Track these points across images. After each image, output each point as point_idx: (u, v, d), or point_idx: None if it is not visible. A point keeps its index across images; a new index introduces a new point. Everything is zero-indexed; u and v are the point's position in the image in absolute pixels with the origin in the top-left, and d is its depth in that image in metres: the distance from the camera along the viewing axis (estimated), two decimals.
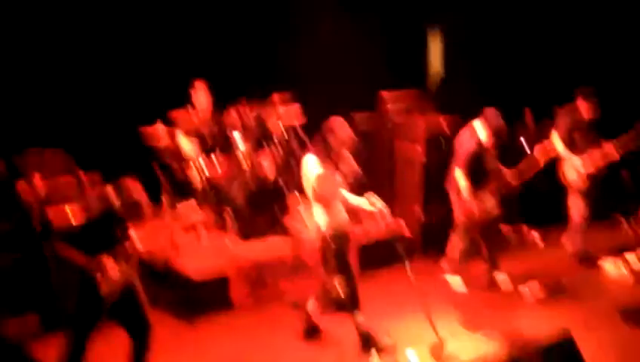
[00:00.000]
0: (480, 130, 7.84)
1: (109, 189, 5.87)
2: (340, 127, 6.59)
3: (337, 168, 6.61)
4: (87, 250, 5.75)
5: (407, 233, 8.62)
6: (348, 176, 6.67)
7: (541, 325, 7.07)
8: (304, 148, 9.24)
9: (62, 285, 7.17)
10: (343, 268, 6.65)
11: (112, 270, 5.78)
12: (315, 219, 6.67)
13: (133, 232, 5.95)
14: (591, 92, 8.48)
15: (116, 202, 5.83)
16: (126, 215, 5.89)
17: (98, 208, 5.82)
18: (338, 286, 6.63)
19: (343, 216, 6.69)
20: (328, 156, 6.57)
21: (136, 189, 5.92)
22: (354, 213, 6.85)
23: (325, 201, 6.54)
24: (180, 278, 7.72)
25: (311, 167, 6.55)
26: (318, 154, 6.58)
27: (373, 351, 6.44)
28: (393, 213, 8.91)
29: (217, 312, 7.58)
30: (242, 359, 6.79)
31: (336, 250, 6.60)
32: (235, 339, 7.15)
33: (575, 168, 8.55)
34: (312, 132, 9.36)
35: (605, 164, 8.52)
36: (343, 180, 6.66)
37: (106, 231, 5.83)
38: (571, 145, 8.53)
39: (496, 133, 7.75)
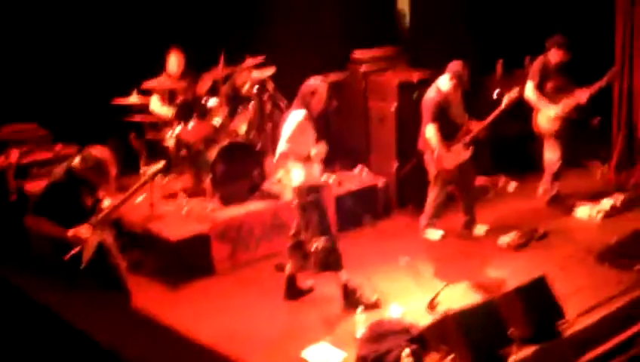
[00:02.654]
0: (441, 81, 7.92)
1: (74, 157, 5.88)
2: (322, 90, 6.67)
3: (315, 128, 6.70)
4: (60, 221, 5.75)
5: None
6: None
7: (518, 271, 7.24)
8: (279, 111, 9.32)
9: (41, 256, 7.24)
10: (323, 226, 6.73)
11: (88, 239, 5.79)
12: (293, 176, 6.76)
13: (104, 199, 5.97)
14: (564, 40, 8.56)
15: (80, 169, 5.78)
16: (94, 182, 5.85)
17: (61, 175, 5.83)
18: (319, 244, 6.73)
19: (318, 173, 6.79)
20: (309, 116, 6.65)
21: (103, 155, 5.86)
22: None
23: (301, 157, 6.63)
24: (160, 243, 7.77)
25: (290, 122, 6.63)
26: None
27: (359, 308, 6.51)
28: (370, 169, 9.17)
29: (199, 277, 7.64)
30: (226, 322, 6.85)
31: (313, 204, 6.68)
32: (218, 303, 7.22)
33: (547, 116, 8.66)
34: (287, 94, 9.47)
35: (574, 107, 8.63)
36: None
37: (75, 200, 5.81)
38: (544, 94, 8.63)
39: (457, 80, 7.79)
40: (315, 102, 6.66)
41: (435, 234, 8.29)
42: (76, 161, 5.83)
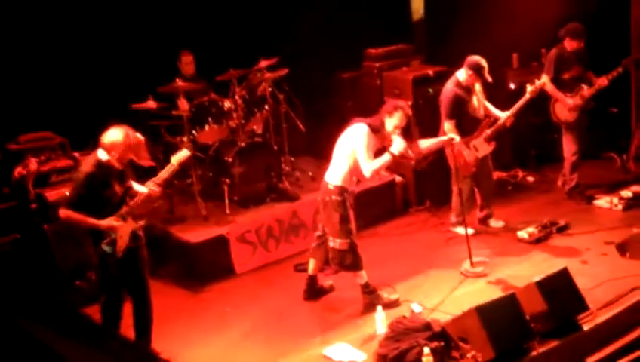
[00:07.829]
0: (459, 73, 7.86)
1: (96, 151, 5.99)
2: (402, 114, 6.67)
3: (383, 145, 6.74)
4: (93, 212, 5.85)
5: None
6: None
7: (539, 264, 7.23)
8: (295, 111, 9.33)
9: (64, 260, 7.35)
10: (344, 227, 6.72)
11: (121, 228, 5.89)
12: (334, 173, 6.76)
13: (135, 190, 6.06)
14: (576, 28, 8.45)
15: (112, 156, 5.89)
16: (132, 158, 6.05)
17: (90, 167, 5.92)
18: (337, 244, 6.73)
19: (355, 181, 6.83)
20: (378, 131, 6.70)
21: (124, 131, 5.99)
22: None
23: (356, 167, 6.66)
24: (180, 246, 7.83)
25: (359, 135, 6.66)
26: (370, 126, 6.70)
27: (378, 307, 6.50)
28: (388, 168, 9.13)
29: (219, 278, 7.69)
30: (247, 324, 6.88)
31: (338, 203, 6.68)
32: (239, 305, 7.24)
33: (566, 106, 8.58)
34: (302, 93, 9.48)
35: (592, 94, 8.55)
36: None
37: (106, 190, 5.90)
38: (561, 84, 8.56)
39: (474, 71, 7.70)
40: (390, 122, 6.65)
41: (461, 229, 8.12)
42: (100, 152, 5.89)
